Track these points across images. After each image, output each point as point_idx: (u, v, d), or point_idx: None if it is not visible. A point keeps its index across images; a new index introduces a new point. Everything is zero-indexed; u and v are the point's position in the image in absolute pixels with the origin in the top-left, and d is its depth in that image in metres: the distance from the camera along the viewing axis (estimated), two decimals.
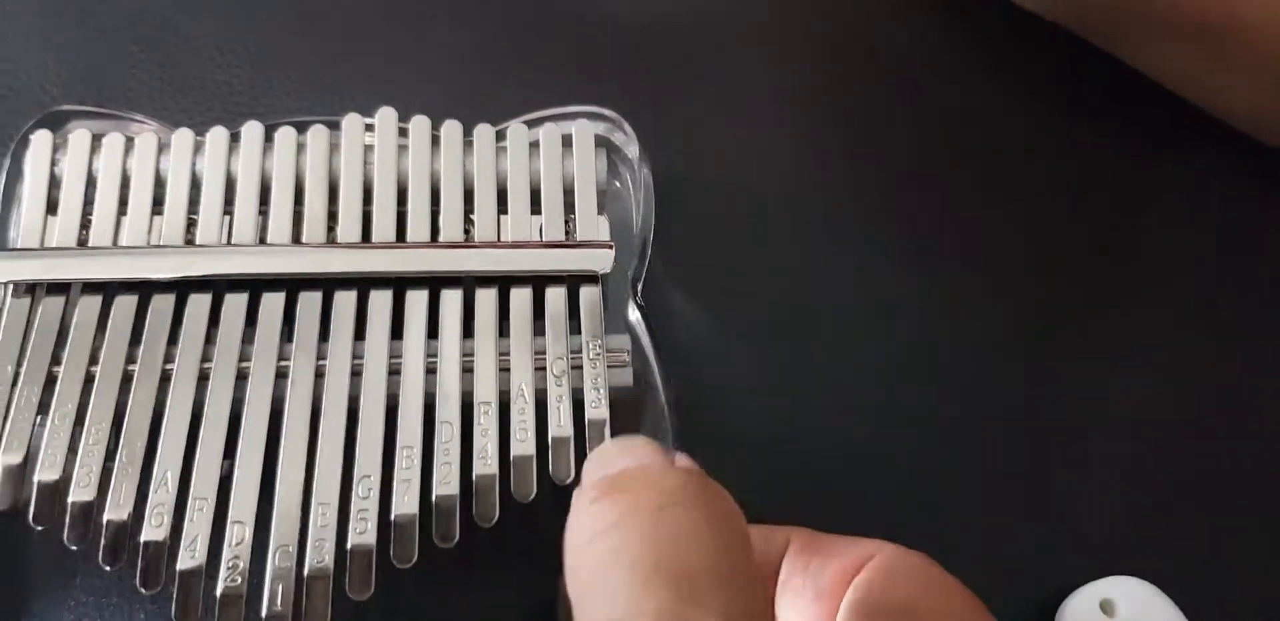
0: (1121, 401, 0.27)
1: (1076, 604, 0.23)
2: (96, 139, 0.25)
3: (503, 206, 0.25)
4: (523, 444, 0.22)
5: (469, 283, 0.24)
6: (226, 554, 0.20)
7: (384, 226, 0.24)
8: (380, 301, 0.23)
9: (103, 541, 0.20)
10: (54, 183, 0.24)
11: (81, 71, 0.30)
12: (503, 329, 0.23)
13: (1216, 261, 0.29)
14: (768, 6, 0.31)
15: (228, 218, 0.24)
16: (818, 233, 0.28)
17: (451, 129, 0.25)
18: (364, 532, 0.20)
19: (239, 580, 0.20)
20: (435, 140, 0.25)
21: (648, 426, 0.24)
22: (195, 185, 0.24)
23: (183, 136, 0.25)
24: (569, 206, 0.25)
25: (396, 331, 0.23)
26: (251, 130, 0.25)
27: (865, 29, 0.31)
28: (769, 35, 0.31)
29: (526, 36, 0.30)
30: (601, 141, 0.26)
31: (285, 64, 0.30)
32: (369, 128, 0.25)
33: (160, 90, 0.30)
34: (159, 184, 0.24)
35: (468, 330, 0.23)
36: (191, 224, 0.24)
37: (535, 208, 0.25)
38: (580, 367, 0.23)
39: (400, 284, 0.23)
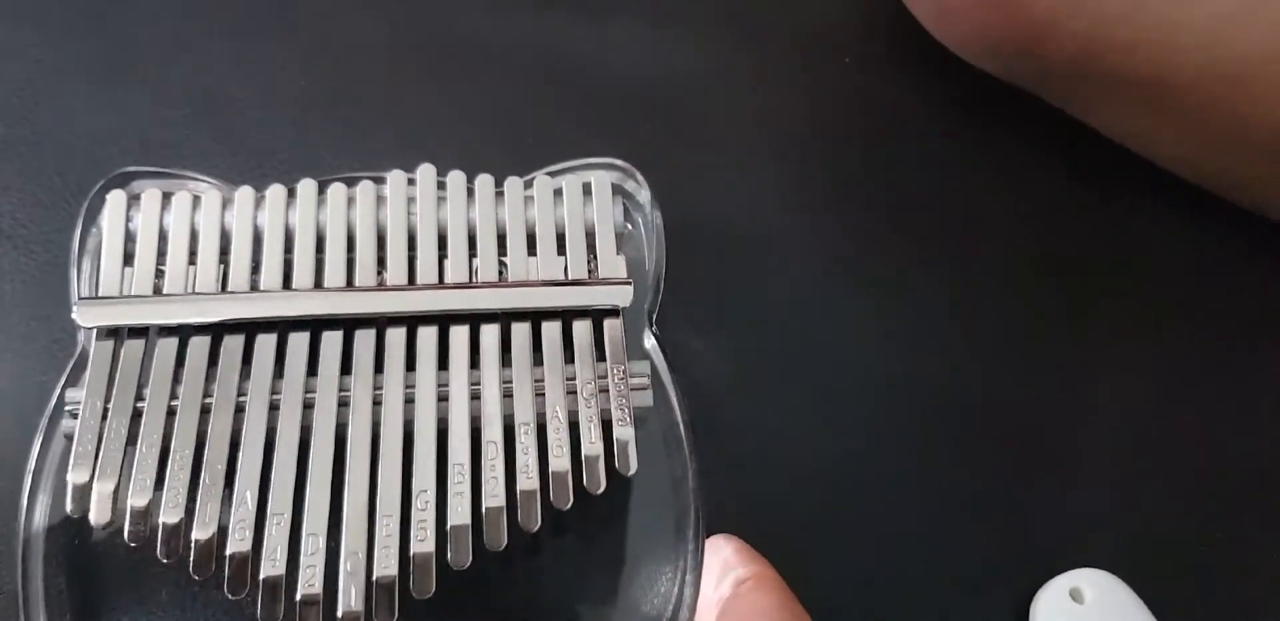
0: (1086, 409, 0.30)
1: (1050, 592, 0.26)
2: (166, 197, 0.28)
3: (532, 249, 0.28)
4: (559, 459, 0.24)
5: (504, 318, 0.27)
6: (303, 562, 0.23)
7: (427, 270, 0.27)
8: (427, 336, 0.26)
9: (192, 556, 0.23)
10: (129, 237, 0.27)
11: (135, 133, 0.33)
12: (536, 358, 0.26)
13: (1176, 282, 0.32)
14: (763, 66, 0.34)
15: (287, 265, 0.27)
16: (811, 269, 0.31)
17: (484, 181, 0.28)
18: (424, 540, 0.23)
19: (315, 585, 0.22)
20: (470, 192, 0.28)
21: (667, 442, 0.26)
22: (257, 237, 0.27)
23: (244, 193, 0.28)
24: (590, 248, 0.28)
25: (443, 363, 0.26)
26: (306, 186, 0.28)
27: (853, 87, 0.34)
28: (764, 91, 0.34)
29: (546, 97, 0.33)
30: (616, 189, 0.29)
31: (325, 125, 0.33)
32: (411, 182, 0.28)
33: (210, 150, 0.33)
34: (224, 236, 0.27)
35: (505, 360, 0.26)
36: (255, 271, 0.27)
37: (560, 250, 0.28)
38: (606, 391, 0.26)
39: (444, 320, 0.26)
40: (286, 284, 0.27)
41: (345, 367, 0.25)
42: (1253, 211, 0.31)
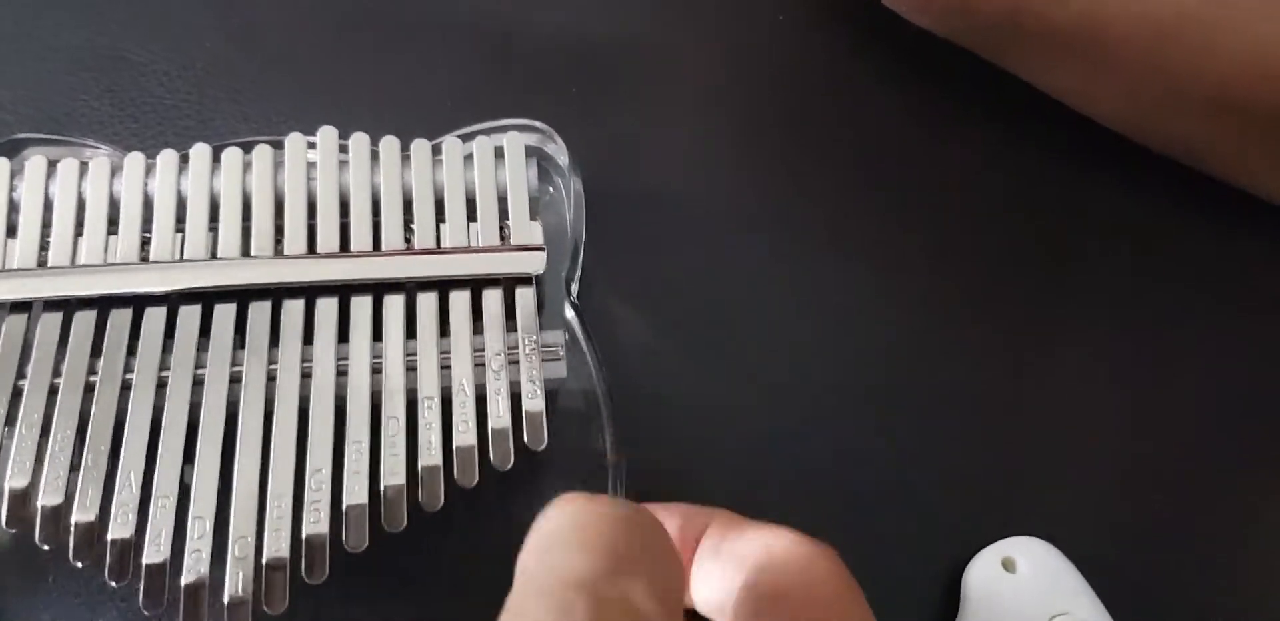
0: (1017, 377, 0.29)
1: (982, 562, 0.25)
2: (52, 164, 0.26)
3: (441, 215, 0.26)
4: (464, 435, 0.23)
5: (411, 287, 0.25)
6: (189, 547, 0.21)
7: (328, 238, 0.25)
8: (326, 308, 0.25)
9: (72, 540, 0.22)
10: (13, 207, 0.26)
11: (36, 100, 0.31)
12: (443, 329, 0.25)
13: (1124, 260, 0.31)
14: (686, 26, 0.33)
15: (180, 235, 0.25)
16: (736, 232, 0.30)
17: (389, 144, 0.27)
18: (317, 522, 0.22)
19: (202, 570, 0.21)
20: (374, 155, 0.27)
21: (585, 414, 0.25)
22: (148, 205, 0.26)
23: (134, 159, 0.26)
24: (503, 213, 0.26)
25: (343, 335, 0.24)
26: (200, 151, 0.26)
27: (777, 45, 0.33)
28: (687, 52, 0.32)
29: (464, 58, 0.32)
30: (533, 151, 0.28)
31: (230, 88, 0.31)
32: (311, 146, 0.26)
33: (111, 116, 0.31)
34: (113, 205, 0.26)
35: (410, 332, 0.25)
36: (145, 242, 0.25)
37: (472, 215, 0.26)
38: (517, 362, 0.24)
39: (345, 291, 0.25)
40: (179, 255, 0.25)
41: (239, 342, 0.24)
42: (1190, 167, 0.30)
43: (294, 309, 0.25)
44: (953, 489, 0.27)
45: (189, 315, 0.24)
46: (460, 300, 0.25)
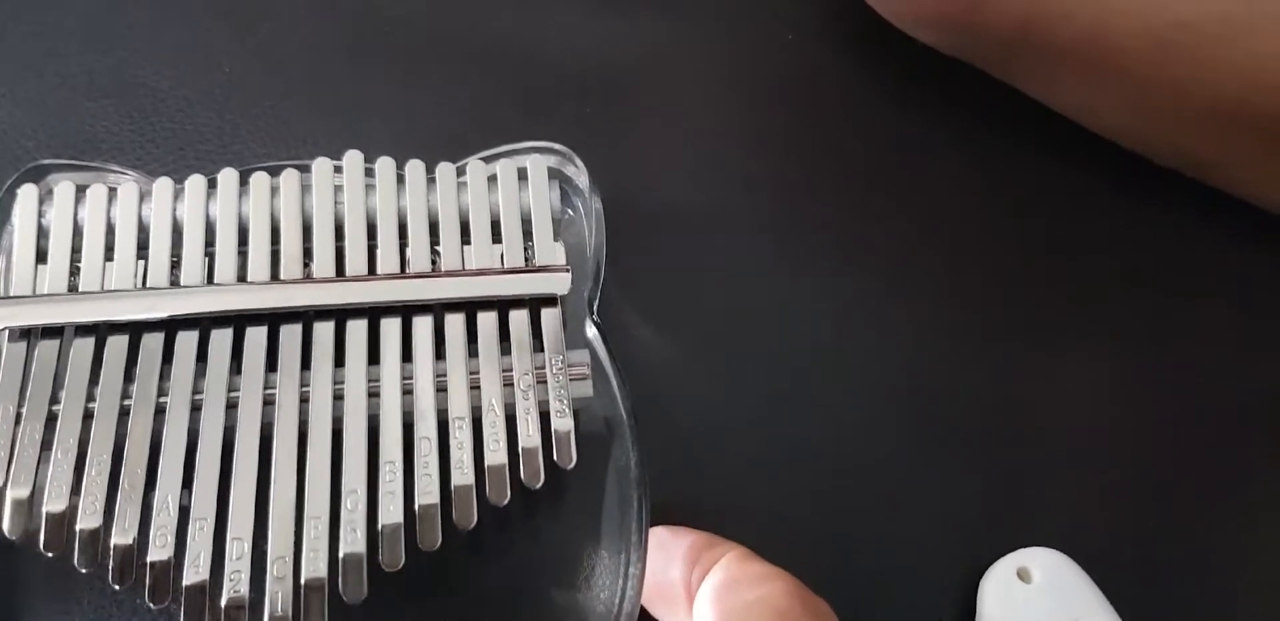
0: (1034, 386, 0.29)
1: (997, 573, 0.26)
2: (80, 190, 0.26)
3: (466, 237, 0.27)
4: (495, 453, 0.24)
5: (438, 309, 0.26)
6: (228, 568, 0.22)
7: (356, 261, 0.26)
8: (356, 330, 0.25)
9: (111, 563, 0.22)
10: (42, 233, 0.26)
11: (57, 126, 0.31)
12: (471, 350, 0.25)
13: (1128, 255, 0.32)
14: (697, 47, 0.34)
15: (209, 259, 0.26)
16: (755, 250, 0.31)
17: (415, 168, 0.27)
18: (354, 542, 0.22)
19: (241, 590, 0.21)
20: (400, 179, 0.27)
21: (609, 432, 0.26)
22: (176, 230, 0.26)
23: (162, 185, 0.26)
24: (527, 235, 0.27)
25: (373, 357, 0.25)
26: (227, 176, 0.27)
27: (788, 64, 0.34)
28: (699, 72, 0.33)
29: (481, 80, 0.32)
30: (554, 174, 0.28)
31: (249, 114, 0.31)
32: (337, 170, 0.27)
33: (131, 141, 0.31)
34: (142, 230, 0.26)
35: (439, 352, 0.25)
36: (175, 266, 0.26)
37: (496, 237, 0.27)
38: (544, 382, 0.25)
39: (374, 313, 0.25)
40: (209, 278, 0.26)
41: (271, 365, 0.24)
42: (1194, 178, 0.31)
43: (324, 331, 0.25)
44: (967, 500, 0.28)
45: (221, 338, 0.25)
46: (487, 321, 0.26)
